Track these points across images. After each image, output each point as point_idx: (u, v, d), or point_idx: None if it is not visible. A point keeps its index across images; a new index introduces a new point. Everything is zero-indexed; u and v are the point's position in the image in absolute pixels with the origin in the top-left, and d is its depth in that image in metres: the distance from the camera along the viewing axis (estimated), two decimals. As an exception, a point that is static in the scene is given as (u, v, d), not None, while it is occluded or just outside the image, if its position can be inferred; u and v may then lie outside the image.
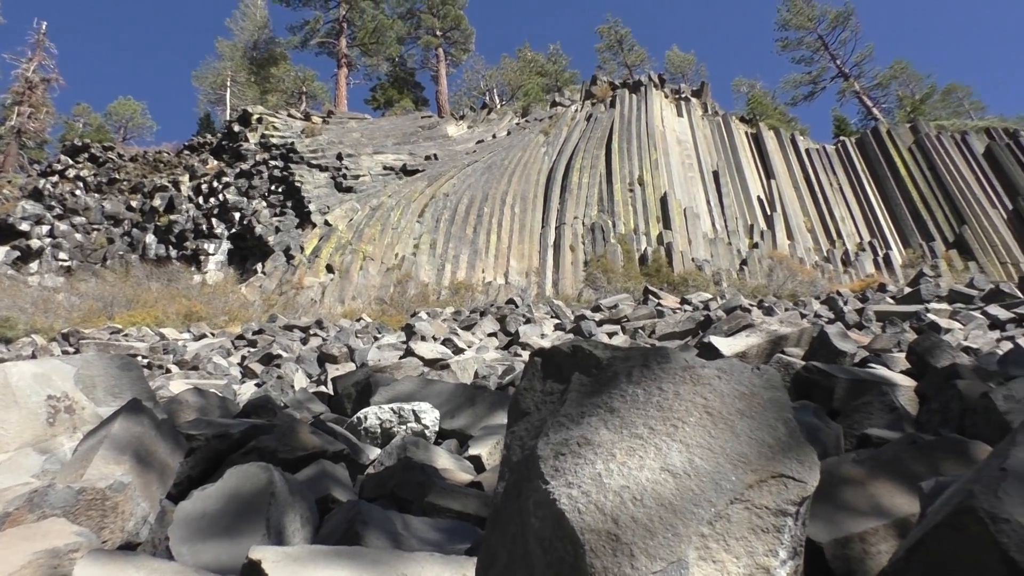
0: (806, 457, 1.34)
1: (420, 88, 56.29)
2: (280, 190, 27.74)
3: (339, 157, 29.24)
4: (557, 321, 15.65)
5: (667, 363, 1.52)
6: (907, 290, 17.53)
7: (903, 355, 6.79)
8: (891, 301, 16.21)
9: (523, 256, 28.14)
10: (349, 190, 28.14)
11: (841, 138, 40.44)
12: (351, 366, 10.35)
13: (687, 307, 16.77)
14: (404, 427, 4.46)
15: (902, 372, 6.07)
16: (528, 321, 14.82)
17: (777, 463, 1.31)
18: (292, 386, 8.88)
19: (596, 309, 17.00)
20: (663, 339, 11.95)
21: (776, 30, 53.11)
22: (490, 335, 14.09)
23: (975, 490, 1.37)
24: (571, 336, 12.82)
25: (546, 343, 11.75)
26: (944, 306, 13.85)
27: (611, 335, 13.01)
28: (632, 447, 1.33)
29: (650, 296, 18.90)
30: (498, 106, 44.71)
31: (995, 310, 12.62)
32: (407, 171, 30.22)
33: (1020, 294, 15.14)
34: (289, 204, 27.04)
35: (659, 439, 1.34)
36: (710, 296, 19.48)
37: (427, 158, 31.33)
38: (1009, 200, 32.22)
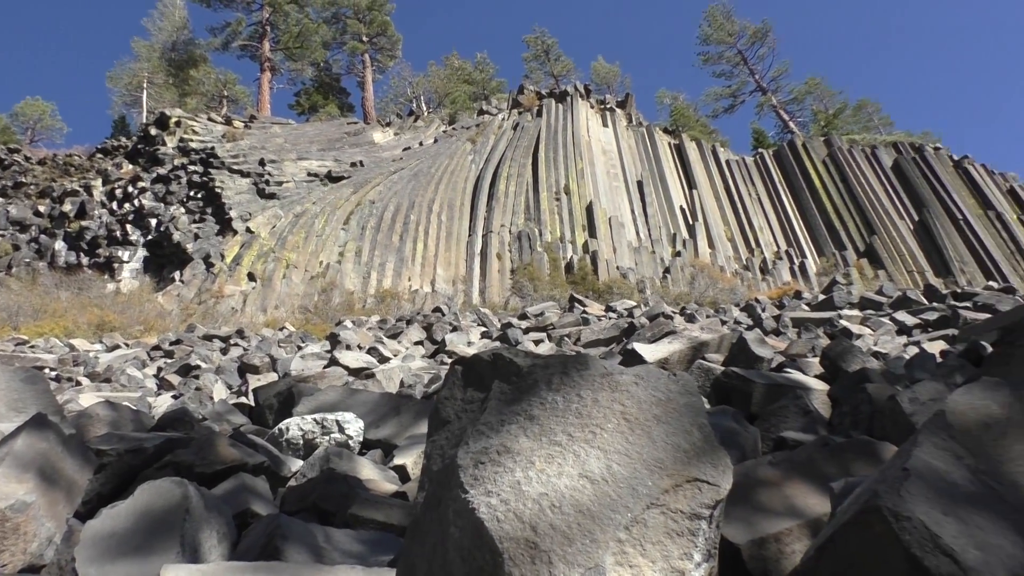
0: (719, 461, 1.37)
1: (346, 94, 55.60)
2: (199, 196, 26.94)
3: (262, 163, 28.62)
4: (484, 329, 15.66)
5: (586, 370, 1.53)
6: (821, 297, 18.17)
7: (817, 360, 7.03)
8: (806, 308, 16.78)
9: (450, 264, 28.07)
10: (272, 196, 27.55)
11: (760, 150, 41.79)
12: (273, 376, 10.13)
13: (612, 314, 17.01)
14: (327, 438, 4.39)
15: (816, 376, 6.28)
16: (455, 329, 14.78)
17: (692, 467, 1.33)
18: (211, 398, 8.62)
19: (523, 317, 17.08)
20: (588, 346, 12.07)
21: (698, 44, 54.62)
22: (416, 343, 13.99)
23: (879, 490, 1.42)
24: (498, 344, 12.84)
25: (473, 351, 11.72)
26: (855, 313, 14.41)
27: (537, 343, 13.09)
28: (551, 454, 1.34)
29: (576, 304, 19.09)
30: (425, 113, 44.52)
31: (902, 316, 13.19)
32: (332, 178, 29.79)
33: (925, 301, 15.88)
34: (209, 210, 26.28)
35: (578, 446, 1.35)
36: (634, 303, 19.80)
37: (353, 165, 30.94)
38: (915, 212, 33.83)
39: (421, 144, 35.39)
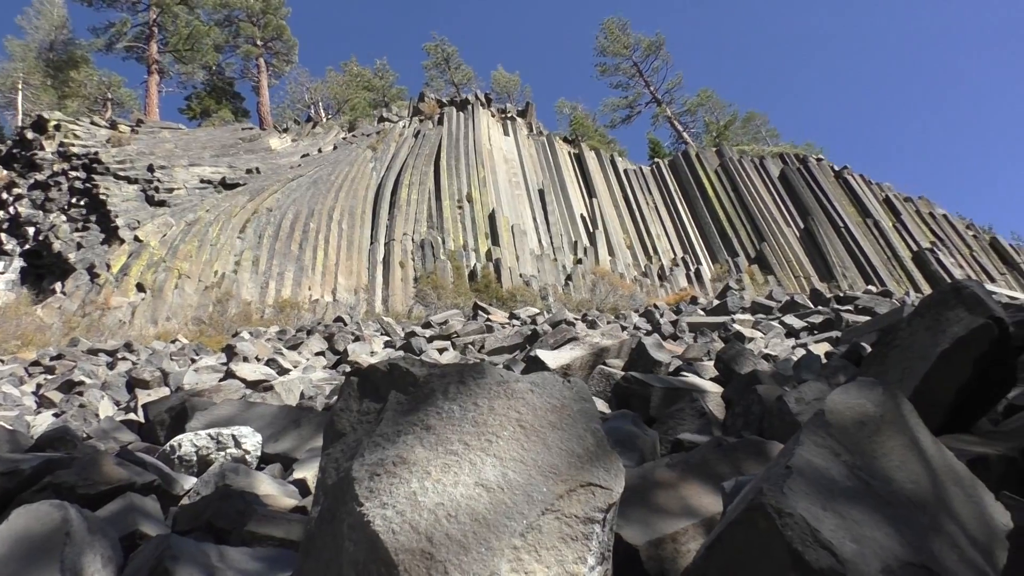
0: (612, 465, 1.40)
1: (240, 99, 53.88)
2: (82, 203, 25.53)
3: (150, 169, 27.41)
4: (387, 338, 15.48)
5: (483, 379, 1.54)
6: (716, 302, 18.83)
7: (712, 363, 7.27)
8: (702, 313, 17.36)
9: (351, 273, 27.63)
10: (162, 204, 26.41)
11: (656, 160, 43.04)
12: (165, 391, 9.71)
13: (515, 322, 17.13)
14: (223, 453, 4.24)
15: (711, 379, 6.48)
16: (357, 339, 14.56)
17: (586, 472, 1.36)
18: (96, 415, 8.20)
19: (427, 325, 16.99)
20: (492, 354, 12.12)
21: (595, 56, 55.68)
22: (317, 354, 13.70)
23: (764, 488, 1.48)
24: (401, 353, 12.72)
25: (376, 361, 11.57)
26: (747, 317, 14.99)
27: (441, 351, 13.04)
28: (447, 464, 1.34)
29: (479, 311, 19.14)
30: (324, 120, 43.70)
31: (791, 320, 13.82)
32: (227, 185, 28.83)
33: (811, 305, 16.70)
34: (93, 218, 24.94)
35: (474, 454, 1.36)
36: (537, 311, 20.01)
37: (249, 171, 30.05)
38: (801, 219, 35.54)
39: (320, 151, 34.72)
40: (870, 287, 27.76)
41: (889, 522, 1.47)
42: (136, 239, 24.24)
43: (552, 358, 7.07)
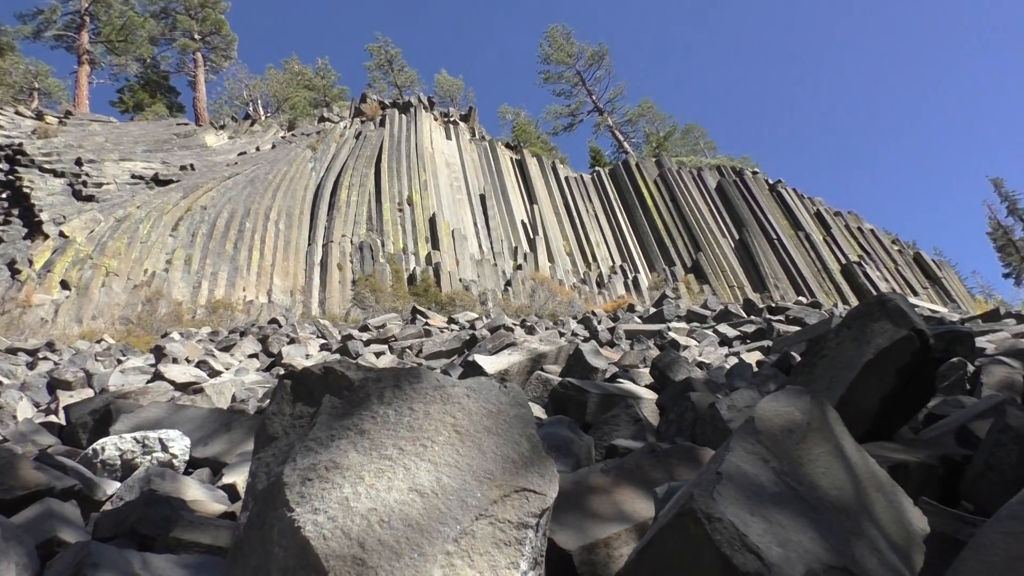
0: (547, 471, 1.40)
1: (175, 93, 52.45)
2: (4, 196, 24.52)
3: (78, 162, 26.48)
4: (323, 341, 15.27)
5: (419, 383, 1.53)
6: (652, 310, 19.12)
7: (648, 370, 7.38)
8: (639, 320, 17.60)
9: (288, 274, 27.16)
10: (90, 199, 25.53)
11: (596, 168, 43.49)
12: (89, 392, 9.36)
13: (454, 326, 17.10)
14: (149, 457, 4.11)
15: (646, 386, 6.58)
16: (292, 341, 14.32)
17: (520, 478, 1.36)
18: (14, 417, 7.86)
19: (364, 329, 16.82)
20: (430, 358, 12.06)
21: (539, 63, 56.11)
22: (251, 356, 13.42)
23: (695, 493, 1.51)
24: (337, 356, 12.55)
25: (311, 364, 11.39)
26: (683, 325, 15.26)
27: (379, 355, 12.92)
28: (381, 468, 1.32)
29: (418, 316, 19.05)
30: (262, 118, 42.94)
31: (724, 328, 14.11)
32: (159, 181, 28.05)
33: (744, 314, 17.10)
34: (15, 212, 23.95)
35: (408, 459, 1.35)
36: (476, 316, 20.00)
37: (183, 168, 29.30)
38: (736, 231, 36.40)
39: (258, 149, 34.09)
40: (801, 298, 28.57)
41: (814, 527, 1.51)
42: (61, 234, 23.37)
43: (490, 363, 7.07)
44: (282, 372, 10.97)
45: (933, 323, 12.35)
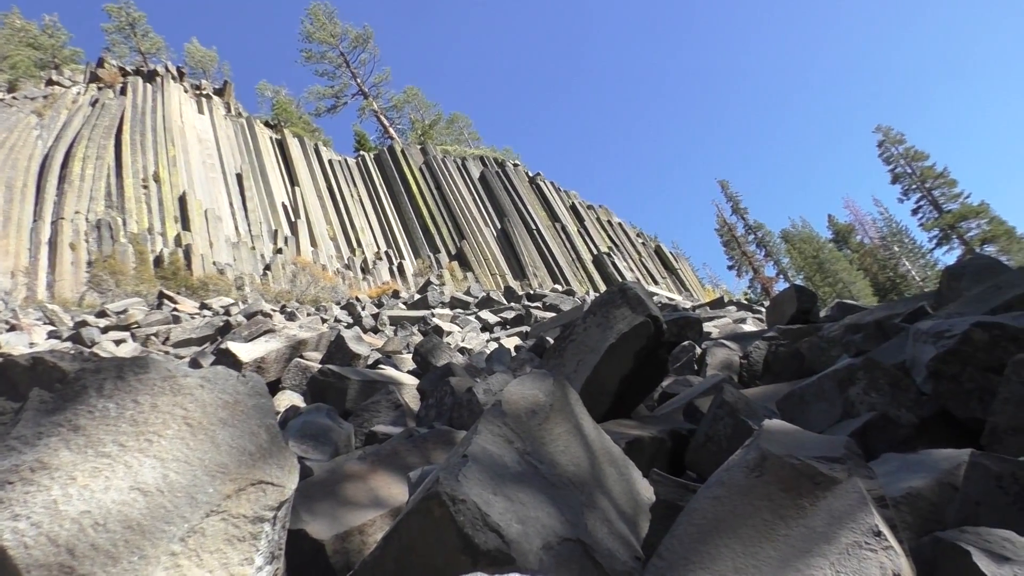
0: (286, 461, 1.35)
1: None
2: None
3: None
4: (52, 328, 13.71)
5: (145, 374, 1.40)
6: (417, 297, 19.29)
7: (410, 356, 7.44)
8: (403, 307, 17.66)
9: (8, 253, 23.98)
10: None
11: (361, 152, 42.83)
12: None
13: (207, 312, 16.11)
14: None
15: (409, 372, 6.63)
16: (13, 328, 12.73)
17: (257, 470, 1.30)
18: None
19: (102, 315, 15.36)
20: (179, 345, 11.32)
21: (301, 41, 53.97)
22: (-41, 348, 11.72)
23: (441, 476, 1.53)
24: (69, 345, 11.33)
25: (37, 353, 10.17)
26: (447, 311, 15.55)
27: (119, 343, 11.86)
28: (98, 467, 1.20)
29: (165, 300, 17.75)
30: (-24, 76, 37.47)
31: (486, 315, 14.58)
32: None
33: (505, 301, 17.76)
34: None
35: (130, 456, 1.23)
36: (232, 301, 19.02)
37: None
38: (498, 220, 37.64)
39: (-29, 111, 29.75)
40: (557, 286, 30.26)
41: (552, 502, 1.59)
42: None
43: (245, 351, 6.75)
44: None
45: (668, 310, 13.63)
